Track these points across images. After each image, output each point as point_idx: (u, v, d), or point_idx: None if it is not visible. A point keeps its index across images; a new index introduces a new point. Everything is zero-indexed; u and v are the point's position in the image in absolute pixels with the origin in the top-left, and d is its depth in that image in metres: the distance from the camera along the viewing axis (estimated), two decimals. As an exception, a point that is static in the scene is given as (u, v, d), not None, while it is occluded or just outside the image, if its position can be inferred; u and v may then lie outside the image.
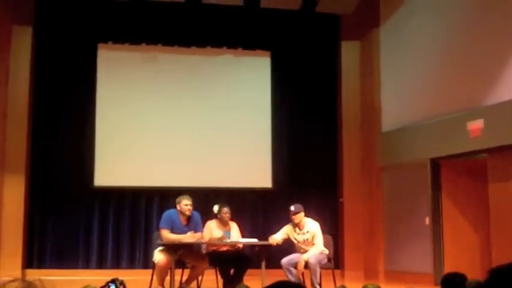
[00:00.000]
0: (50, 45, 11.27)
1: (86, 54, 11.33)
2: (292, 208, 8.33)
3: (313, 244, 8.29)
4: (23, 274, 10.64)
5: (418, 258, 10.13)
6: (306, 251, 8.25)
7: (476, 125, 9.00)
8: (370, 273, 11.14)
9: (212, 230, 8.46)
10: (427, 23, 10.32)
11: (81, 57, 11.33)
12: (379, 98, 11.28)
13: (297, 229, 8.36)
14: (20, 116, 10.89)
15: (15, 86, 10.92)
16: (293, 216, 8.32)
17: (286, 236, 8.40)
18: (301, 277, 8.36)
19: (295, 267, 8.20)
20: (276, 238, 8.33)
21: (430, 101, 10.13)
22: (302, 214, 8.34)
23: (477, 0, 9.34)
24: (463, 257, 9.61)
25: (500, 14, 8.79)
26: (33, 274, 10.66)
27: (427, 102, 10.19)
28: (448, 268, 9.11)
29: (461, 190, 9.91)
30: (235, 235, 8.65)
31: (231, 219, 8.77)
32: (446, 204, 9.93)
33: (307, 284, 8.26)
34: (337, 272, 9.84)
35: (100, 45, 11.40)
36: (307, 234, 8.31)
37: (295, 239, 8.37)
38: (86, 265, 11.03)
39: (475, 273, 6.93)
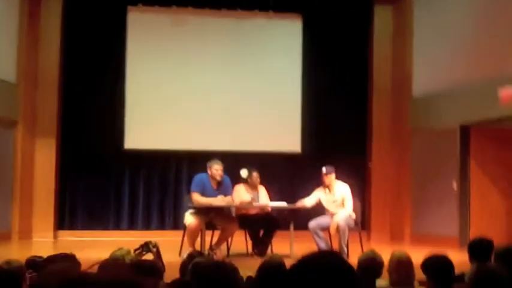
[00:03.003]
0: (79, 8, 11.28)
1: (115, 17, 11.36)
2: (323, 169, 8.44)
3: (342, 206, 8.39)
4: (55, 235, 10.89)
5: (444, 222, 10.20)
6: (333, 214, 8.35)
7: (507, 92, 8.94)
8: (396, 235, 11.24)
9: (241, 194, 8.57)
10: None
11: (111, 20, 11.37)
12: (411, 64, 11.20)
13: (327, 190, 8.46)
14: (50, 80, 10.99)
15: (46, 50, 11.01)
16: (324, 177, 8.42)
17: (317, 200, 8.50)
18: (328, 239, 8.48)
19: (322, 230, 8.34)
20: (305, 203, 8.43)
21: (462, 68, 10.05)
22: (333, 176, 8.44)
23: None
24: (489, 222, 9.66)
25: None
26: (64, 235, 10.92)
27: (459, 69, 10.11)
28: (474, 233, 9.20)
29: (490, 157, 9.90)
30: (263, 198, 8.76)
31: (260, 183, 8.87)
32: (474, 170, 9.94)
33: (335, 245, 8.39)
34: (364, 233, 9.91)
35: (130, 8, 11.38)
36: (336, 196, 8.41)
37: (325, 200, 8.48)
38: (117, 226, 11.21)
39: (500, 238, 7.03)
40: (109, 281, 2.78)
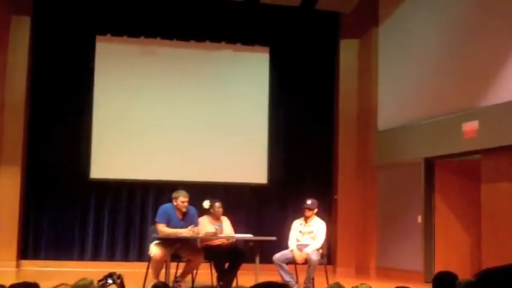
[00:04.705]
0: (48, 36, 11.24)
1: (84, 46, 11.31)
2: (308, 202, 8.58)
3: (313, 240, 8.43)
4: (18, 265, 10.67)
5: (409, 256, 10.24)
6: (302, 245, 8.37)
7: (471, 126, 9.09)
8: (361, 269, 11.25)
9: (205, 226, 8.50)
10: (426, 24, 10.39)
11: (79, 49, 11.32)
12: (376, 97, 11.37)
13: (304, 222, 8.54)
14: (17, 107, 10.86)
15: (13, 77, 10.89)
16: (306, 210, 8.53)
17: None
18: (293, 272, 8.47)
19: (288, 263, 8.33)
20: (294, 247, 8.44)
21: (426, 101, 10.22)
22: (315, 211, 8.59)
23: (476, 2, 9.42)
24: (454, 256, 9.73)
25: (498, 17, 8.87)
26: (27, 265, 10.71)
27: (423, 103, 10.28)
28: (439, 267, 9.27)
29: (454, 190, 10.01)
30: (227, 229, 8.72)
31: (223, 214, 8.84)
32: (439, 203, 10.04)
33: (300, 277, 8.38)
34: (329, 267, 9.95)
35: (98, 37, 11.38)
36: (311, 228, 8.47)
37: (300, 231, 8.52)
38: (81, 257, 11.07)
39: (465, 272, 7.07)
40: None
